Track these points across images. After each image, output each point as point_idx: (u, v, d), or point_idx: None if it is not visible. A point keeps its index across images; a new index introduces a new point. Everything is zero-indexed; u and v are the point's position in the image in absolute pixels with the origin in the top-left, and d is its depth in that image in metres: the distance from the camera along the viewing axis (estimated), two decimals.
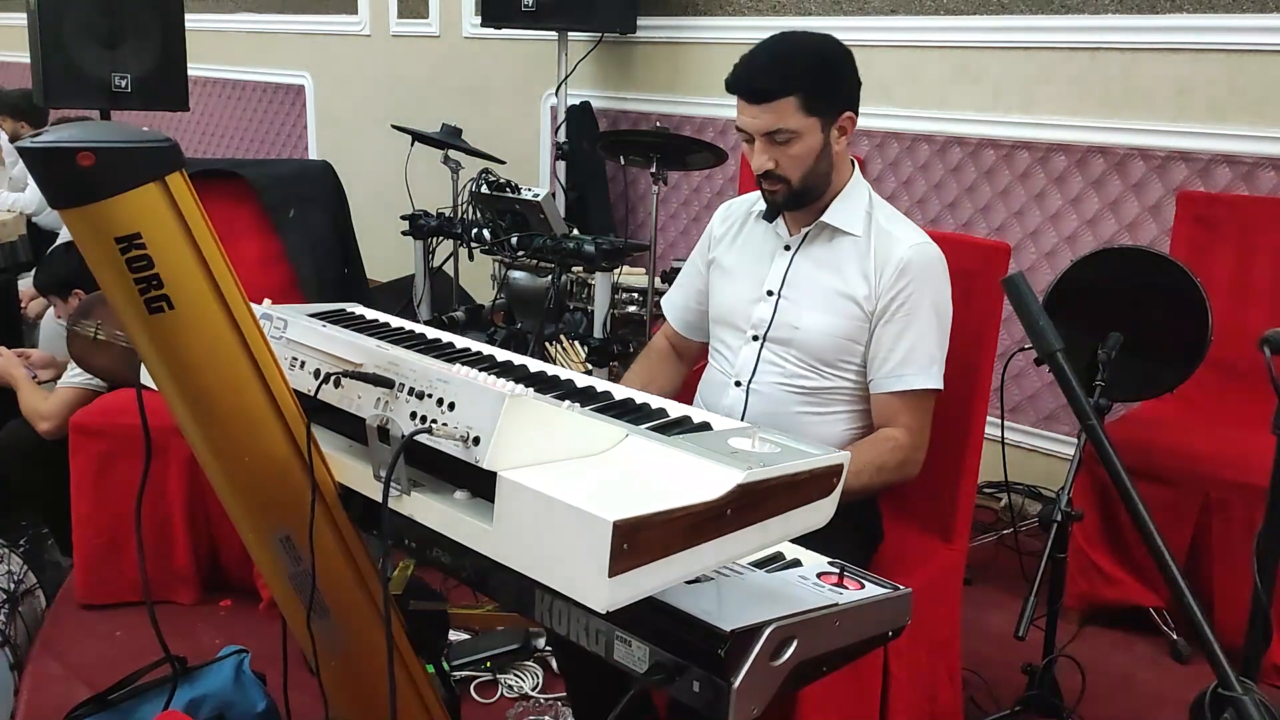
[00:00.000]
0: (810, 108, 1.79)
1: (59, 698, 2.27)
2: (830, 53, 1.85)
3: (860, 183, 1.93)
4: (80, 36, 3.47)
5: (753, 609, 1.14)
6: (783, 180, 1.84)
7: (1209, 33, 3.00)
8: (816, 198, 1.89)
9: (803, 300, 1.90)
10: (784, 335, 1.91)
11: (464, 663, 2.44)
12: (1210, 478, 2.53)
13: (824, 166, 1.85)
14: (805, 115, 1.79)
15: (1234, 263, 2.91)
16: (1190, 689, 1.25)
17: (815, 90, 1.79)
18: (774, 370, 1.92)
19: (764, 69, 1.81)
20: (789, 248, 1.94)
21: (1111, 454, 1.37)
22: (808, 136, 1.81)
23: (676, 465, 1.11)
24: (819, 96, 1.80)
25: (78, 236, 1.14)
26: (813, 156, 1.83)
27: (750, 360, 1.94)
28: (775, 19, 3.83)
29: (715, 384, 2.01)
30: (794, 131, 1.80)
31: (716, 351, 2.04)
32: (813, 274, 1.90)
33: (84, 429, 2.71)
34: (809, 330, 1.89)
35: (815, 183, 1.86)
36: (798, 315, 1.90)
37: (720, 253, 2.05)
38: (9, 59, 6.87)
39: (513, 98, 4.73)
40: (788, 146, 1.81)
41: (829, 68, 1.83)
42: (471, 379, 1.20)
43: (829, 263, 1.90)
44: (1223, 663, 1.21)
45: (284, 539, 1.40)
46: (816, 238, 1.92)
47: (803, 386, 1.91)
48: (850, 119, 1.86)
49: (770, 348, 1.93)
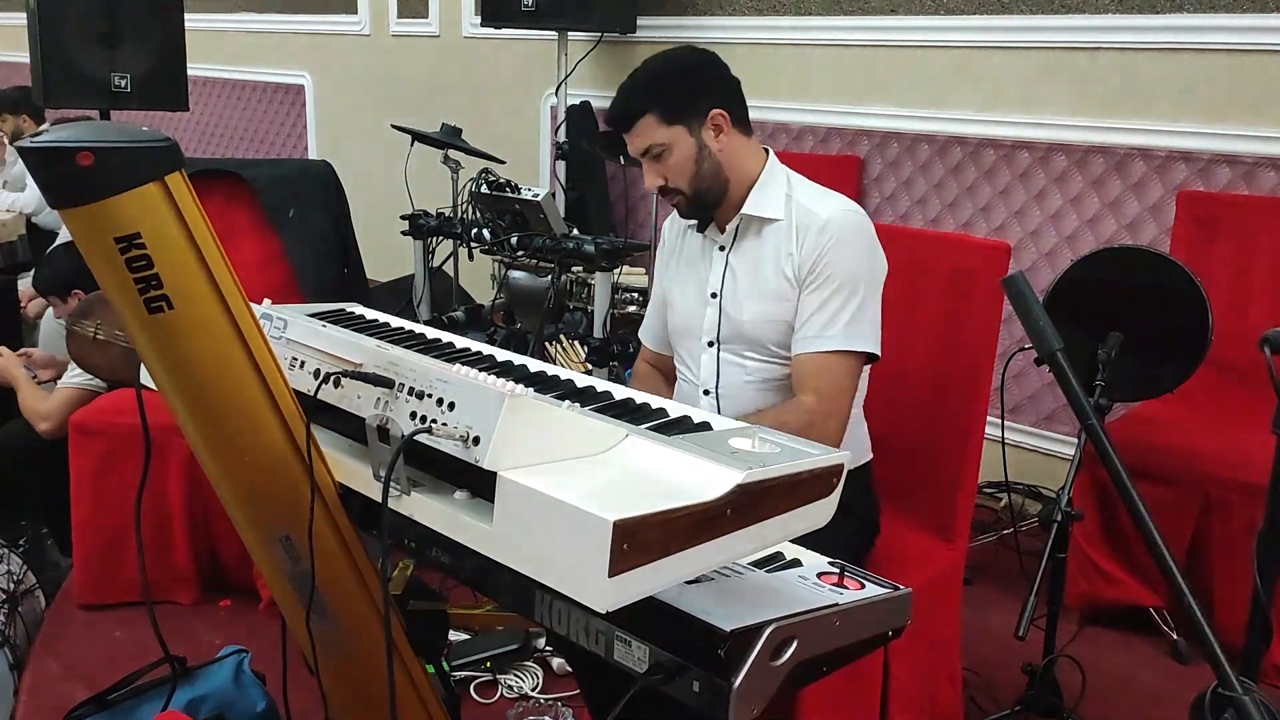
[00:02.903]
0: (670, 118, 1.86)
1: (59, 698, 2.28)
2: (679, 62, 1.93)
3: (776, 169, 1.95)
4: (80, 36, 3.47)
5: (753, 609, 1.14)
6: (677, 192, 1.91)
7: (1209, 33, 3.00)
8: (718, 198, 1.93)
9: (741, 295, 1.93)
10: (733, 333, 1.95)
11: (464, 663, 2.44)
12: (1210, 478, 2.52)
13: (709, 168, 1.89)
14: (668, 126, 1.86)
15: (1234, 263, 2.91)
16: (1190, 689, 1.25)
17: (668, 101, 1.86)
18: (736, 370, 1.95)
19: (620, 99, 1.91)
20: (723, 248, 1.98)
21: (1112, 454, 1.37)
22: (679, 145, 1.87)
23: (676, 465, 1.11)
24: (674, 105, 1.86)
25: (77, 236, 1.14)
26: (692, 162, 1.88)
27: (711, 366, 1.98)
28: (775, 19, 3.83)
29: (685, 396, 2.04)
30: (663, 144, 1.87)
31: (681, 364, 2.08)
32: (746, 268, 1.94)
33: (84, 429, 2.71)
34: (753, 322, 1.91)
35: (709, 184, 1.90)
36: (739, 310, 1.93)
37: (669, 267, 2.10)
38: (9, 59, 6.87)
39: (513, 98, 4.73)
40: (666, 160, 1.88)
41: (678, 76, 1.90)
42: (471, 379, 1.20)
43: (759, 252, 1.93)
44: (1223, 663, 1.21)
45: (284, 539, 1.40)
46: (745, 232, 1.95)
47: (766, 379, 1.93)
48: (722, 115, 1.89)
49: (726, 349, 1.96)
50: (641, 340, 2.23)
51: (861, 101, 3.69)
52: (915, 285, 2.17)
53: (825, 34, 3.72)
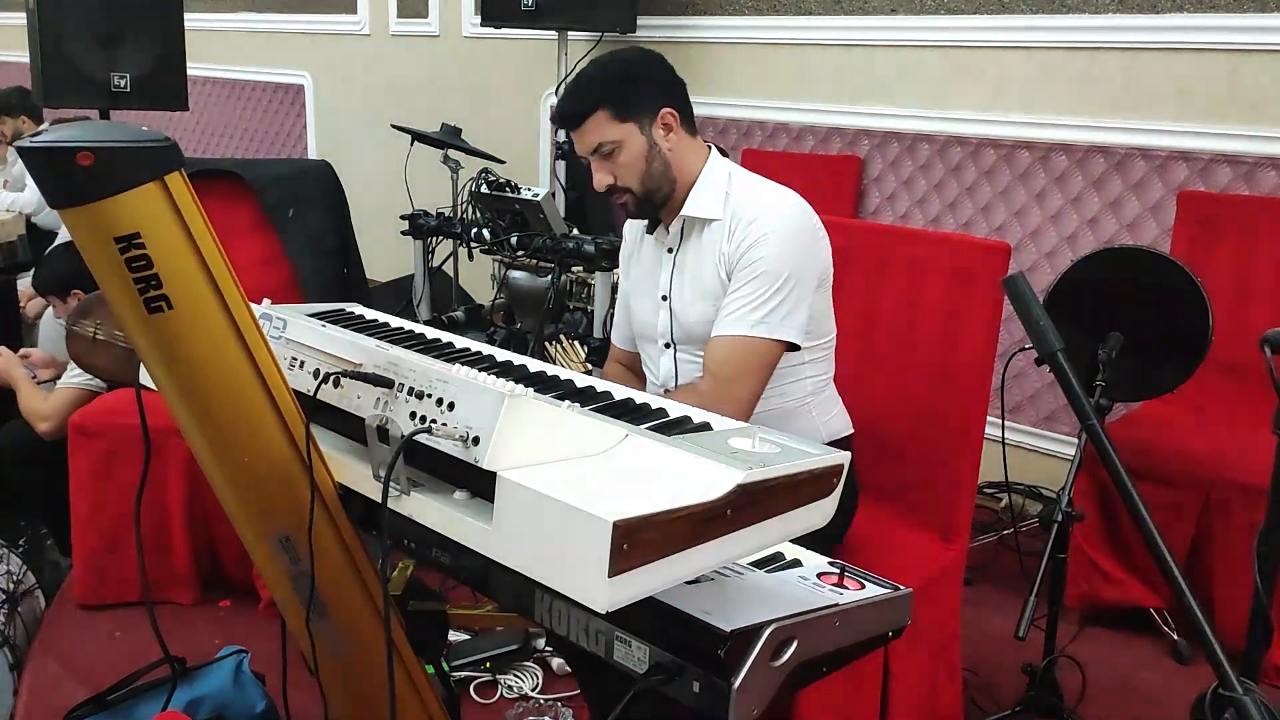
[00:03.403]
0: (621, 114, 1.86)
1: (58, 698, 2.27)
2: (629, 60, 1.93)
3: (717, 167, 1.95)
4: (80, 36, 3.47)
5: (753, 609, 1.14)
6: (625, 190, 1.91)
7: (1209, 32, 2.99)
8: (666, 197, 1.93)
9: (688, 297, 1.94)
10: (682, 334, 1.96)
11: (464, 663, 2.44)
12: (1210, 478, 2.52)
13: (658, 166, 1.89)
14: (619, 123, 1.86)
15: (1234, 263, 2.91)
16: (1191, 689, 1.25)
17: (619, 97, 1.86)
18: (693, 369, 1.96)
19: (569, 95, 1.90)
20: (671, 249, 1.98)
21: (1112, 454, 1.37)
22: (630, 143, 1.87)
23: (676, 465, 1.11)
24: (625, 102, 1.86)
25: (77, 236, 1.14)
26: (643, 160, 1.88)
27: (670, 366, 2.00)
28: (775, 19, 3.83)
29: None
30: (615, 141, 1.86)
31: (645, 365, 2.10)
32: (691, 269, 1.94)
33: (83, 429, 2.71)
34: (697, 323, 1.93)
35: (655, 184, 1.90)
36: (685, 312, 1.95)
37: (628, 267, 2.12)
38: (9, 59, 6.87)
39: (513, 98, 4.73)
40: (616, 158, 1.88)
41: (629, 74, 1.90)
42: (471, 379, 1.20)
43: (700, 253, 1.93)
44: (1223, 663, 1.21)
45: (283, 539, 1.40)
46: (690, 233, 1.95)
47: None
48: (671, 114, 1.89)
49: (681, 350, 1.98)
50: (612, 340, 2.23)
51: (861, 101, 3.69)
52: (915, 285, 2.17)
53: (825, 34, 3.72)
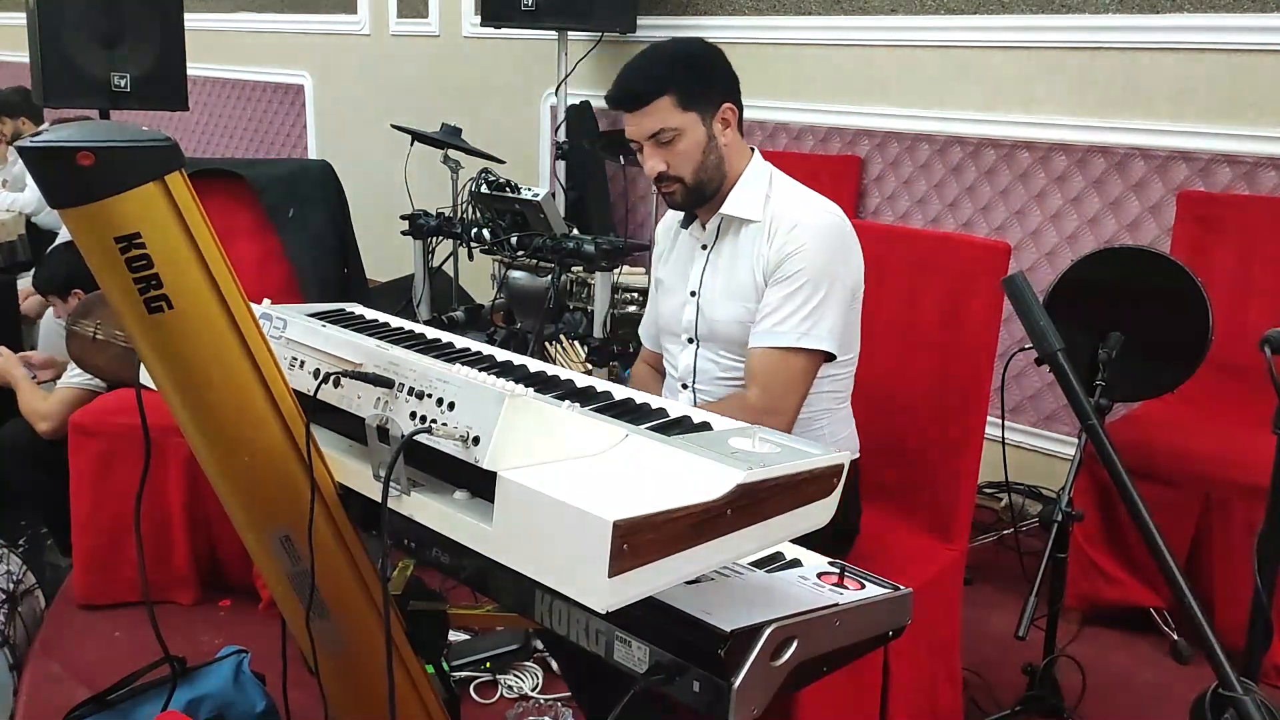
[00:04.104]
0: (686, 103, 1.84)
1: (58, 698, 2.27)
2: (698, 51, 1.91)
3: (759, 169, 1.95)
4: (80, 36, 3.47)
5: (753, 609, 1.14)
6: (677, 180, 1.89)
7: (1209, 32, 2.99)
8: (713, 192, 1.92)
9: (715, 295, 1.94)
10: (707, 332, 1.96)
11: (464, 663, 2.44)
12: (1210, 478, 2.52)
13: (713, 159, 1.88)
14: (683, 111, 1.84)
15: (1234, 263, 2.91)
16: (1191, 689, 1.25)
17: (688, 86, 1.84)
18: (711, 367, 1.97)
19: (636, 76, 1.87)
20: (705, 246, 1.98)
21: (1112, 454, 1.37)
22: (690, 132, 1.85)
23: (676, 465, 1.11)
24: (693, 91, 1.84)
25: (77, 236, 1.14)
26: (699, 151, 1.87)
27: (690, 363, 2.00)
28: (775, 19, 3.83)
29: (670, 390, 2.07)
30: (676, 129, 1.84)
31: (665, 360, 2.11)
32: (724, 267, 1.94)
33: (83, 429, 2.71)
34: (724, 322, 1.93)
35: (708, 176, 1.89)
36: (713, 310, 1.94)
37: (660, 266, 2.11)
38: (9, 59, 6.87)
39: (513, 98, 4.73)
40: (673, 145, 1.85)
41: (698, 64, 1.88)
42: (471, 379, 1.20)
43: (735, 253, 1.93)
44: (1223, 663, 1.21)
45: (283, 539, 1.40)
46: (726, 232, 1.95)
47: (739, 377, 1.93)
48: (731, 110, 1.89)
49: (703, 347, 1.98)
50: (642, 341, 2.23)
51: (861, 101, 3.69)
52: (915, 285, 2.17)
53: (825, 34, 3.72)
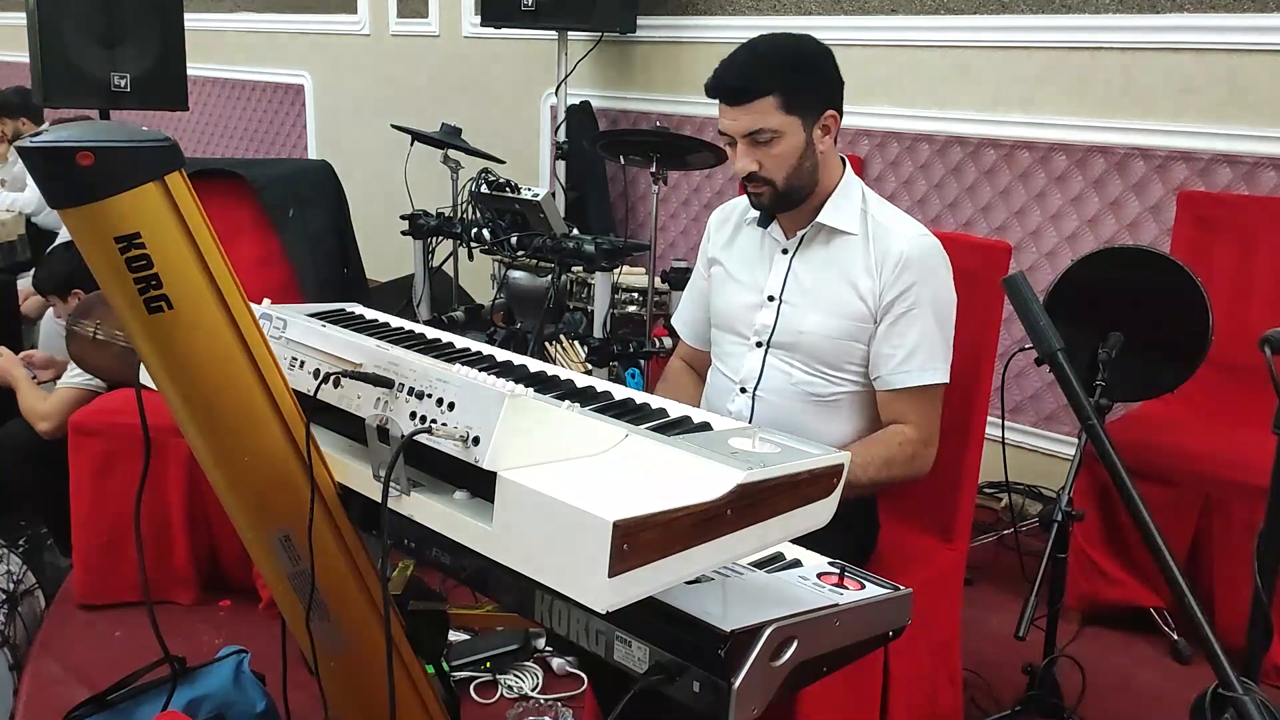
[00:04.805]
0: (790, 106, 1.77)
1: (58, 698, 2.27)
2: (809, 51, 1.83)
3: (853, 181, 1.91)
4: (79, 36, 3.47)
5: (753, 609, 1.14)
6: (767, 182, 1.82)
7: (1209, 32, 2.99)
8: (802, 199, 1.86)
9: (805, 304, 1.88)
10: (788, 340, 1.89)
11: (464, 663, 2.44)
12: (1210, 478, 2.52)
13: (809, 166, 1.82)
14: (785, 114, 1.77)
15: (1234, 263, 2.91)
16: (1191, 689, 1.25)
17: (794, 88, 1.77)
18: (780, 376, 1.91)
19: (742, 69, 1.80)
20: (786, 251, 1.92)
21: (1112, 454, 1.37)
22: (790, 136, 1.79)
23: (676, 465, 1.11)
24: (799, 95, 1.78)
25: (77, 236, 1.14)
26: (796, 156, 1.80)
27: (755, 367, 1.92)
28: (775, 19, 3.83)
29: (720, 390, 1.99)
30: (775, 131, 1.78)
31: (719, 359, 2.03)
32: (814, 277, 1.89)
33: (83, 429, 2.71)
34: (813, 334, 1.87)
35: (800, 183, 1.83)
36: (801, 319, 1.88)
37: (720, 255, 2.03)
38: (9, 59, 6.86)
39: (513, 98, 4.73)
40: (770, 147, 1.79)
41: (808, 66, 1.81)
42: (471, 379, 1.20)
43: (829, 264, 1.88)
44: (1223, 663, 1.21)
45: (283, 539, 1.40)
46: (814, 239, 1.90)
47: (809, 392, 1.89)
48: (833, 117, 1.83)
49: (775, 353, 1.91)
50: (679, 335, 2.16)
51: (861, 101, 3.68)
52: None
53: (825, 34, 3.62)
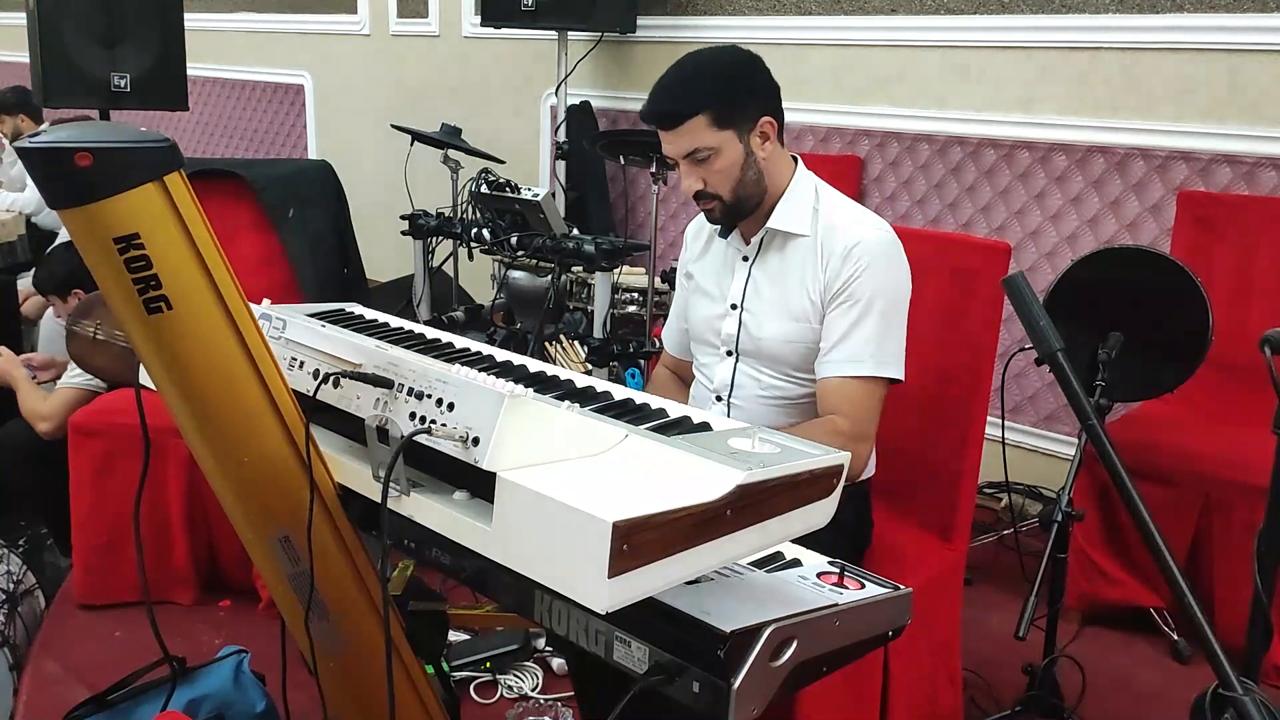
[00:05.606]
0: (722, 122, 1.78)
1: (58, 698, 2.27)
2: (734, 63, 1.84)
3: (804, 181, 1.90)
4: (79, 36, 3.48)
5: (753, 609, 1.14)
6: (714, 197, 1.84)
7: (1209, 32, 2.99)
8: (754, 207, 1.87)
9: (762, 310, 1.90)
10: (750, 348, 1.92)
11: (463, 663, 2.44)
12: (1210, 478, 2.52)
13: (752, 175, 1.83)
14: (719, 130, 1.78)
15: (1234, 263, 2.91)
16: (1191, 689, 1.25)
17: (722, 104, 1.78)
18: (751, 383, 1.93)
19: (669, 93, 1.82)
20: (746, 258, 1.94)
21: (1112, 454, 1.37)
22: (726, 150, 1.80)
23: (676, 465, 1.11)
24: (728, 109, 1.78)
25: (76, 237, 1.14)
26: (738, 168, 1.81)
27: (727, 375, 1.95)
28: (775, 18, 3.83)
29: (700, 400, 2.02)
30: (712, 148, 1.79)
31: (697, 368, 2.05)
32: (769, 282, 1.90)
33: (83, 429, 2.71)
34: (771, 339, 1.88)
35: (747, 193, 1.85)
36: (759, 326, 1.90)
37: (693, 268, 2.06)
38: (9, 59, 6.87)
39: (513, 98, 4.73)
40: (710, 164, 1.80)
41: (734, 79, 1.82)
42: (471, 379, 1.20)
43: (783, 269, 1.89)
44: (1223, 663, 1.21)
45: (283, 539, 1.40)
46: (770, 245, 1.91)
47: (780, 396, 1.91)
48: (770, 124, 1.83)
49: (743, 361, 1.94)
50: (664, 345, 2.19)
51: (861, 101, 3.69)
52: (915, 285, 2.16)
53: (825, 33, 3.72)
